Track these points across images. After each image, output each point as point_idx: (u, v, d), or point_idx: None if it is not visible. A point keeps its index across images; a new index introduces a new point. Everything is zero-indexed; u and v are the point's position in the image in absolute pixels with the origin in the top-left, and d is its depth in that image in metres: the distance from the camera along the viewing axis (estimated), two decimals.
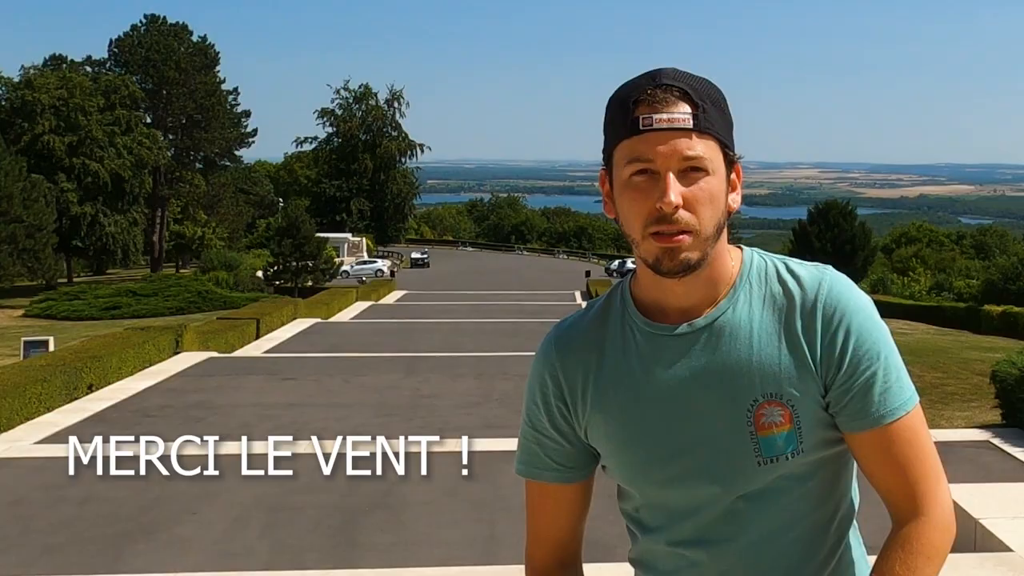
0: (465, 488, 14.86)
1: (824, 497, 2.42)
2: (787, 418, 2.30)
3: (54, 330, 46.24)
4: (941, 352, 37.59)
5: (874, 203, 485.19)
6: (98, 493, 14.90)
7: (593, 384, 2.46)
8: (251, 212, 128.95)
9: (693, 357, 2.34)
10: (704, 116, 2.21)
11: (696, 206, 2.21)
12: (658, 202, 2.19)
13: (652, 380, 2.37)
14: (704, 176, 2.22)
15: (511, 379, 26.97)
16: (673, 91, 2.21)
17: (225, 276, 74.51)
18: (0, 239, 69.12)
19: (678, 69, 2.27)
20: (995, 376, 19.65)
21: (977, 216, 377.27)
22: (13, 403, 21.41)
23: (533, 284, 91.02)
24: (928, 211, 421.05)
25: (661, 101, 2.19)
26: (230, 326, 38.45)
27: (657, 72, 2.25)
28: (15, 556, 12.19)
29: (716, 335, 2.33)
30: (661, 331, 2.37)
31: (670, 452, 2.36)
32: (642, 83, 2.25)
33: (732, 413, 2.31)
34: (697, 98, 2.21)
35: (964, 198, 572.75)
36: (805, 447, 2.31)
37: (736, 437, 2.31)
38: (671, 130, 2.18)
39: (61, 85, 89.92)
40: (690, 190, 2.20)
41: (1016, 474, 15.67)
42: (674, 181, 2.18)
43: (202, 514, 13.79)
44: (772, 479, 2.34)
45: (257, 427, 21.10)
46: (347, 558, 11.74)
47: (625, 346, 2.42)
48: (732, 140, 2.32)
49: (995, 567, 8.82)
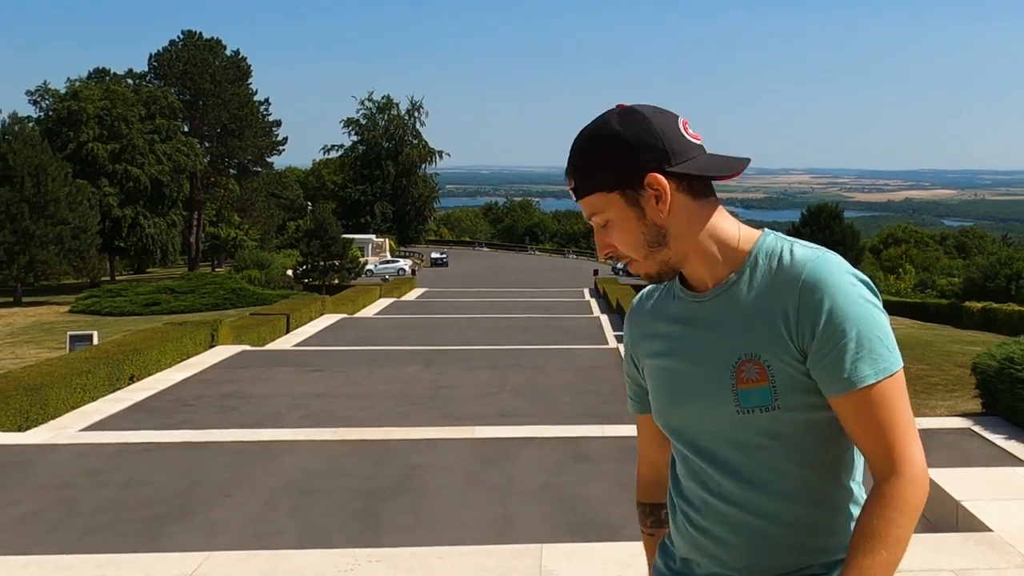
0: (481, 473, 14.85)
1: (812, 458, 2.57)
2: (763, 376, 2.51)
3: (98, 325, 46.37)
4: (925, 346, 37.51)
5: (862, 206, 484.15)
6: (138, 477, 14.92)
7: (644, 337, 2.83)
8: (282, 215, 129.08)
9: (701, 319, 2.63)
10: (580, 185, 2.57)
11: (615, 243, 2.59)
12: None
13: (674, 335, 2.69)
14: (607, 220, 2.56)
15: (524, 371, 26.96)
16: (567, 171, 2.61)
17: (257, 275, 74.62)
18: (48, 240, 69.30)
19: (577, 137, 2.62)
20: (976, 368, 19.64)
21: (959, 218, 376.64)
22: (60, 393, 21.47)
23: (545, 282, 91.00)
24: (913, 214, 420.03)
25: (568, 182, 2.62)
26: (262, 321, 38.48)
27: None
28: (61, 536, 12.20)
29: (719, 303, 2.59)
30: (686, 296, 2.67)
31: (675, 397, 2.67)
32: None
33: (721, 367, 2.56)
34: (571, 173, 2.59)
35: (946, 202, 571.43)
36: (781, 405, 2.50)
37: (722, 388, 2.55)
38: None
39: (105, 96, 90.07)
40: (606, 234, 2.59)
41: (995, 459, 15.63)
42: (597, 234, 2.63)
43: (235, 497, 13.78)
44: (754, 434, 2.55)
45: (287, 415, 21.13)
46: (371, 538, 11.73)
47: (667, 308, 2.75)
48: (619, 173, 2.51)
49: (976, 546, 8.81)
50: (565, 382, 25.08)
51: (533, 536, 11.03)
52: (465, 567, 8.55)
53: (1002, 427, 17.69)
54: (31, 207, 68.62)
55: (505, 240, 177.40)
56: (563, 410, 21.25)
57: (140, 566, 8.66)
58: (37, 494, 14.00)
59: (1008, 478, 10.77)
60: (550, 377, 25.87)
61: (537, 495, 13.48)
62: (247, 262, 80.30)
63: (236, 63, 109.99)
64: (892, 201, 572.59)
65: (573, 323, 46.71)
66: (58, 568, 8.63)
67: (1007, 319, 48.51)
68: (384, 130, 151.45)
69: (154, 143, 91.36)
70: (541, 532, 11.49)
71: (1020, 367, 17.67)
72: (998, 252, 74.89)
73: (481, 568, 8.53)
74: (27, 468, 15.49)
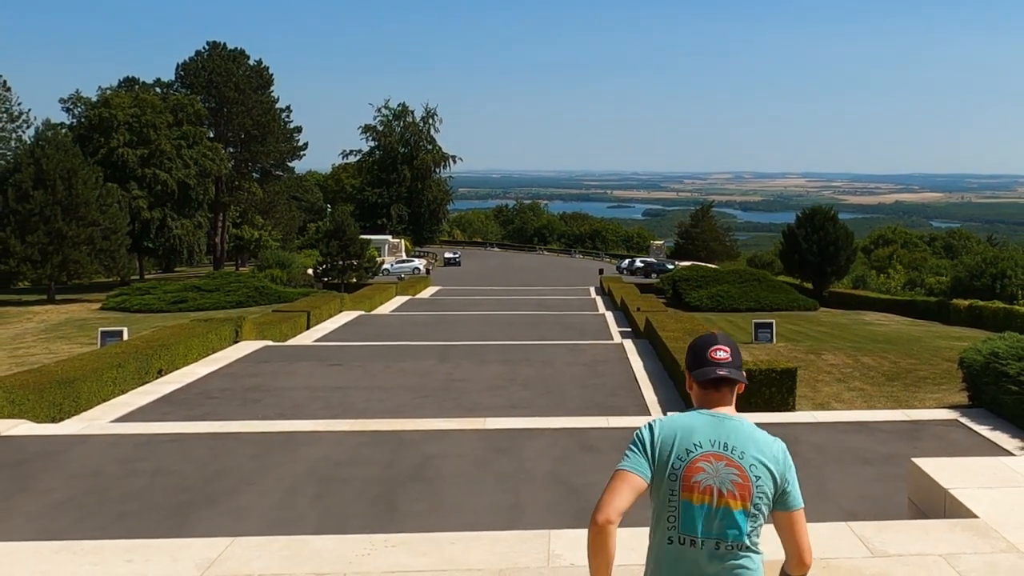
0: (492, 462, 14.86)
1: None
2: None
3: (128, 321, 46.41)
4: (915, 341, 37.47)
5: (855, 209, 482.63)
6: (166, 466, 14.94)
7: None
8: (302, 216, 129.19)
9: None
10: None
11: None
12: None
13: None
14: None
15: (533, 365, 26.95)
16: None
17: (279, 273, 74.68)
18: (80, 240, 69.34)
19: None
20: (962, 362, 19.65)
21: (946, 220, 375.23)
22: (92, 386, 21.51)
23: (552, 281, 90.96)
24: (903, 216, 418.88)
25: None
26: (284, 318, 38.51)
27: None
28: (93, 522, 12.22)
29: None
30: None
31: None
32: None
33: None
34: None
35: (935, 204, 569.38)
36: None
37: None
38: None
39: (134, 104, 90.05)
40: None
41: (981, 449, 15.62)
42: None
43: (259, 484, 13.81)
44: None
45: (307, 407, 21.15)
46: (387, 523, 11.74)
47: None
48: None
49: (963, 531, 8.80)
50: (572, 376, 25.07)
51: (541, 522, 11.03)
52: (477, 551, 8.55)
53: (988, 418, 17.68)
54: (64, 209, 68.69)
55: (515, 241, 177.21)
56: (570, 402, 21.25)
57: (167, 550, 8.67)
58: (70, 482, 14.03)
59: (993, 467, 10.74)
60: (558, 371, 25.87)
61: (545, 483, 13.49)
62: (269, 262, 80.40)
63: (259, 72, 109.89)
64: (883, 204, 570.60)
65: (580, 319, 46.64)
66: (88, 552, 8.64)
67: (992, 316, 48.50)
68: (400, 136, 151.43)
69: (181, 148, 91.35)
70: (549, 518, 11.49)
71: (1005, 361, 17.66)
72: (983, 252, 74.80)
73: (492, 552, 8.52)
74: (60, 457, 15.51)
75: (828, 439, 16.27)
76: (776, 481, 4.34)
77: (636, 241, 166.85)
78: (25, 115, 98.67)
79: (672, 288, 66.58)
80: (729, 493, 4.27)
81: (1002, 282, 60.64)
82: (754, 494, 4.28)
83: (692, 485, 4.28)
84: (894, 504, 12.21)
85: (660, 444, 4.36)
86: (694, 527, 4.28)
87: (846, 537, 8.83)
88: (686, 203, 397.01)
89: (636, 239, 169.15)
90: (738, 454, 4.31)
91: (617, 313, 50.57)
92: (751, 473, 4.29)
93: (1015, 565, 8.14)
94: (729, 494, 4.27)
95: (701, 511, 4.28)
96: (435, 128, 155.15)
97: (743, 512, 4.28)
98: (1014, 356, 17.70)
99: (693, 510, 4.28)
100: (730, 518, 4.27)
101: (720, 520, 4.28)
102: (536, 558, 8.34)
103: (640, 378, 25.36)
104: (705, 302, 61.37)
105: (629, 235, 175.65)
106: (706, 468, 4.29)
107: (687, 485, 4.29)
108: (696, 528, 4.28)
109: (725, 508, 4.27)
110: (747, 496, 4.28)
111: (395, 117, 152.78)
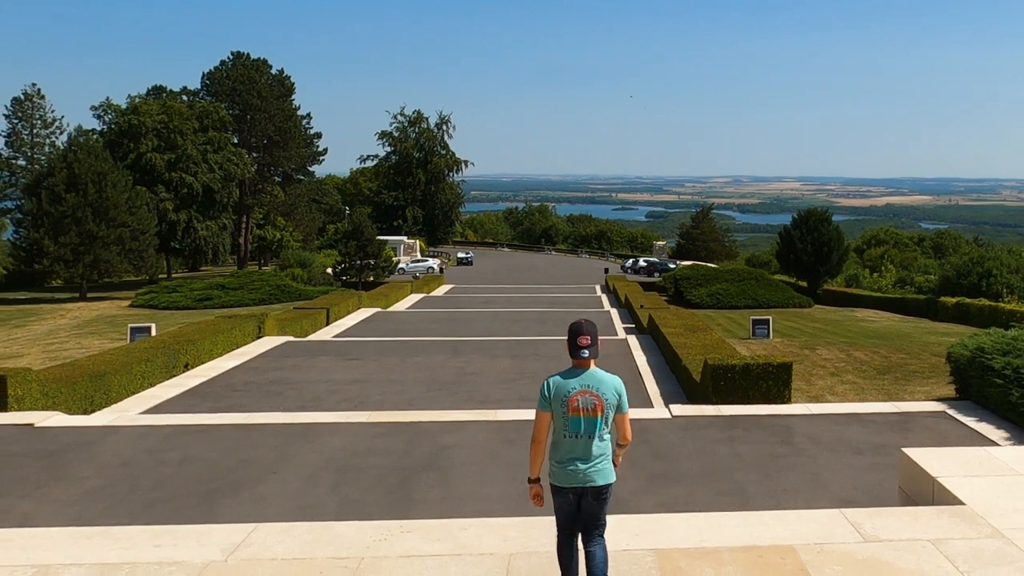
0: (503, 451, 14.87)
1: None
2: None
3: (156, 318, 46.54)
4: (904, 337, 37.43)
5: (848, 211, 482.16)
6: (193, 456, 14.98)
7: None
8: (322, 218, 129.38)
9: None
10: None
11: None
12: None
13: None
14: None
15: (541, 359, 26.95)
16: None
17: (300, 272, 74.78)
18: (110, 241, 69.47)
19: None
20: (950, 357, 19.64)
21: (935, 221, 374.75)
22: (121, 379, 21.56)
23: (560, 279, 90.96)
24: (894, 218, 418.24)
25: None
26: (304, 315, 38.54)
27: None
28: (124, 509, 12.27)
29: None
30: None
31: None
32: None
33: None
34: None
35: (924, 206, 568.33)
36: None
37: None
38: None
39: (162, 111, 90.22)
40: None
41: (968, 439, 15.62)
42: None
43: (281, 473, 13.84)
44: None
45: (327, 400, 21.17)
46: (403, 510, 11.77)
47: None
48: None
49: (950, 517, 8.83)
50: None
51: (550, 509, 11.05)
52: (489, 537, 8.57)
53: (974, 410, 17.68)
54: (94, 211, 68.85)
55: (524, 241, 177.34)
56: None
57: (194, 536, 8.71)
58: (102, 471, 14.08)
59: (979, 457, 10.75)
60: (565, 365, 25.88)
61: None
62: (291, 261, 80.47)
63: (281, 80, 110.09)
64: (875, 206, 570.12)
65: (586, 315, 46.59)
66: (120, 538, 8.67)
67: (978, 313, 48.42)
68: (415, 141, 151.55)
69: (206, 153, 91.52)
70: None
71: (990, 356, 17.65)
72: (970, 252, 74.57)
73: (503, 538, 8.55)
74: (92, 448, 15.56)
75: (822, 430, 16.28)
76: (618, 400, 7.40)
77: (640, 242, 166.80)
78: (58, 122, 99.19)
79: (674, 286, 66.48)
80: (592, 409, 7.30)
81: (988, 281, 60.47)
82: (605, 408, 7.32)
83: (575, 409, 7.28)
84: (885, 492, 12.23)
85: (553, 392, 7.33)
86: (578, 428, 7.29)
87: (839, 523, 8.86)
88: (687, 205, 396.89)
89: (640, 240, 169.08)
90: (595, 388, 7.35)
91: (622, 310, 50.56)
92: (604, 397, 7.33)
93: (1000, 550, 8.16)
94: (593, 409, 7.30)
95: (578, 420, 7.29)
96: (448, 134, 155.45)
97: (601, 419, 7.31)
98: (999, 351, 17.70)
99: (576, 420, 7.29)
100: (592, 422, 7.29)
101: (587, 423, 7.29)
102: (545, 543, 8.37)
103: (644, 372, 25.37)
104: (705, 300, 61.30)
105: (633, 236, 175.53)
106: (579, 399, 7.29)
107: (572, 408, 7.28)
108: (580, 428, 7.29)
109: (590, 417, 7.29)
110: (600, 410, 7.31)
111: (410, 123, 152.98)
